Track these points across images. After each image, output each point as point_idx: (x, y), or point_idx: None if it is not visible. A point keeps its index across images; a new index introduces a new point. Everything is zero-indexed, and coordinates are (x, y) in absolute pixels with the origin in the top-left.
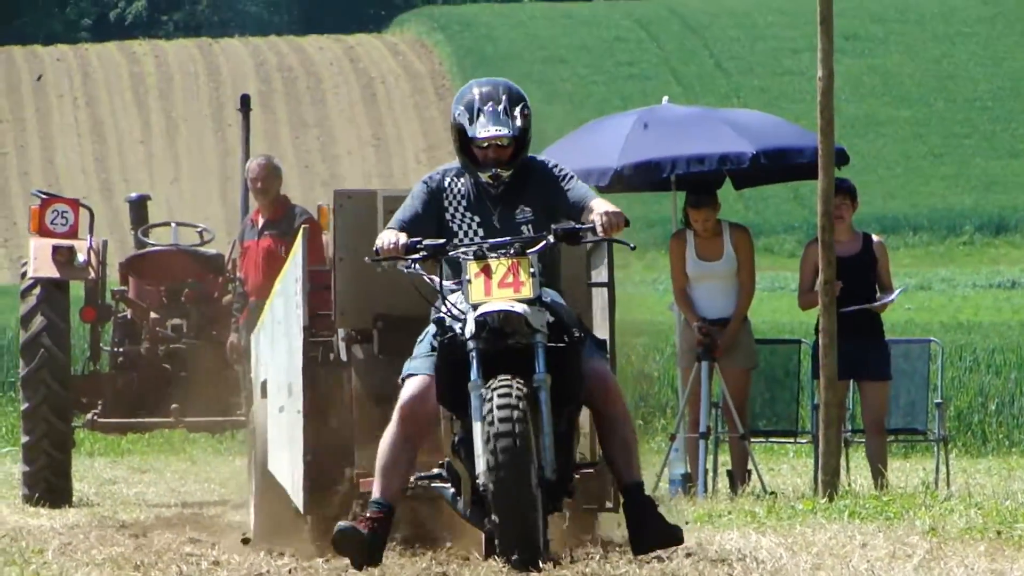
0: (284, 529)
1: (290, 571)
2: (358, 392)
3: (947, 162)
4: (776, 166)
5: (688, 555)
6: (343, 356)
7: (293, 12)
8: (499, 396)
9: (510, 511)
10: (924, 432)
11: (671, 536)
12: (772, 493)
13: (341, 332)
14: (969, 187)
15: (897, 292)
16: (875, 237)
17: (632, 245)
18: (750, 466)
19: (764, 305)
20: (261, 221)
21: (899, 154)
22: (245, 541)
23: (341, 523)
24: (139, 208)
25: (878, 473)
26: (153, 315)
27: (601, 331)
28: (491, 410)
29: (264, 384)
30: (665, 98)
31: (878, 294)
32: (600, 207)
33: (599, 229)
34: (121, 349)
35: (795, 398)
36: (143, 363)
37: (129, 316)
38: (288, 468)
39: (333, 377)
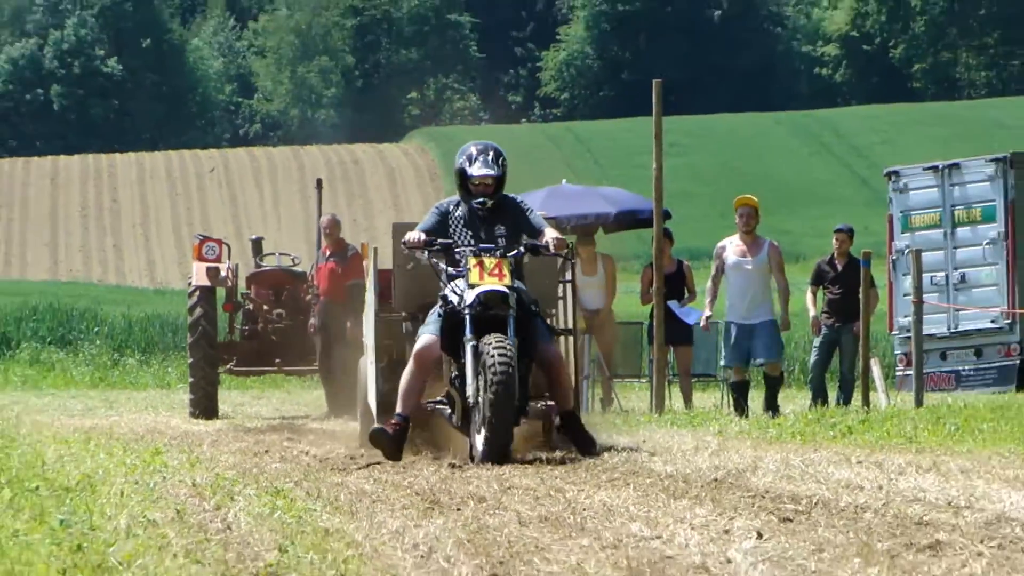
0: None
1: (351, 458)
2: (409, 352)
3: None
4: (628, 220)
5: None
6: (403, 330)
7: (346, 130)
8: (496, 350)
9: (500, 421)
10: (714, 375)
11: (590, 439)
12: (625, 411)
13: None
14: None
15: (691, 312)
16: (685, 262)
17: (572, 259)
18: (613, 395)
19: (622, 301)
20: (328, 253)
21: (701, 214)
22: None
23: (375, 425)
24: (257, 245)
25: (687, 400)
26: (264, 307)
27: (568, 315)
28: (492, 358)
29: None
30: (564, 180)
31: (686, 295)
32: (551, 234)
33: (551, 247)
34: (246, 327)
35: (639, 355)
36: (259, 335)
37: (251, 308)
38: (371, 394)
39: (393, 343)
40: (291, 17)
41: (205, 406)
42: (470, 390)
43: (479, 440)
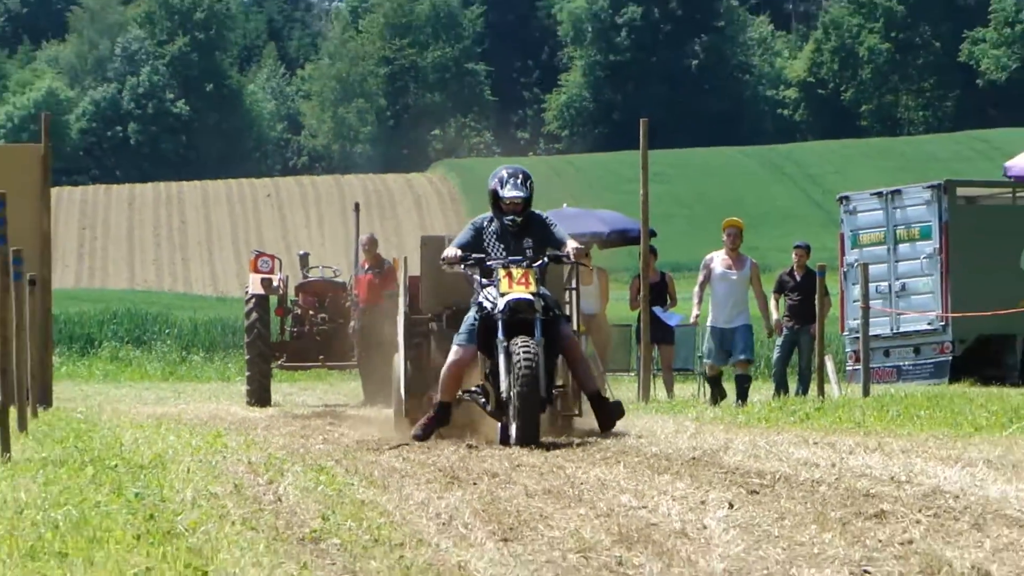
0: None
1: (378, 439)
2: (434, 348)
3: (706, 237)
4: (619, 238)
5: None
6: (431, 328)
7: (380, 161)
8: (522, 349)
9: (528, 412)
10: (692, 370)
11: (616, 412)
12: (617, 401)
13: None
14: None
15: (672, 315)
16: (668, 273)
17: (590, 267)
18: (606, 387)
19: (614, 307)
20: (366, 266)
21: (681, 233)
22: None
23: (416, 431)
24: (304, 259)
25: (669, 390)
26: (310, 312)
27: (573, 317)
28: (519, 356)
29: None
30: (564, 204)
31: (668, 302)
32: (571, 245)
33: (572, 256)
34: (294, 329)
35: (628, 353)
36: (305, 336)
37: (298, 312)
38: (401, 385)
39: (421, 340)
40: (332, 66)
41: (260, 396)
42: (503, 385)
43: (513, 427)
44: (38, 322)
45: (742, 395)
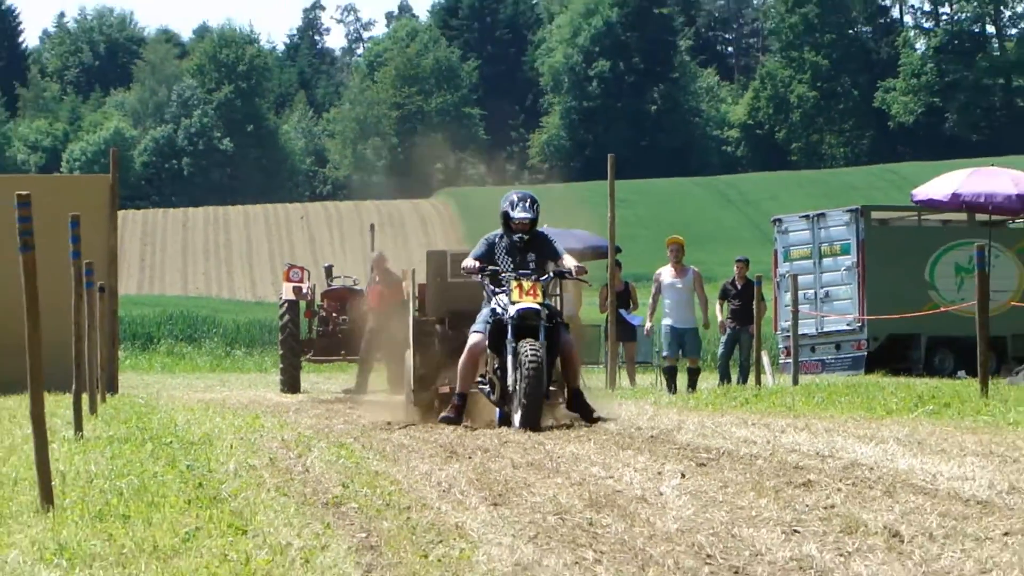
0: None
1: (388, 423)
2: (439, 346)
3: (664, 250)
4: (591, 253)
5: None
6: (435, 329)
7: (392, 189)
8: (530, 350)
9: (533, 402)
10: (651, 362)
11: (591, 410)
12: (588, 387)
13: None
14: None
15: (635, 317)
16: (631, 283)
17: (589, 283)
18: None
19: (586, 310)
20: (378, 279)
21: (642, 250)
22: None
23: (444, 414)
24: (328, 270)
25: (632, 380)
26: (333, 314)
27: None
28: (526, 357)
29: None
30: (545, 224)
31: (631, 306)
32: (570, 262)
33: (574, 273)
34: (320, 328)
35: (598, 348)
36: (329, 335)
37: (324, 315)
38: (410, 376)
39: (427, 338)
40: (352, 110)
41: (291, 384)
42: (510, 379)
43: (517, 415)
44: (106, 323)
45: (692, 384)
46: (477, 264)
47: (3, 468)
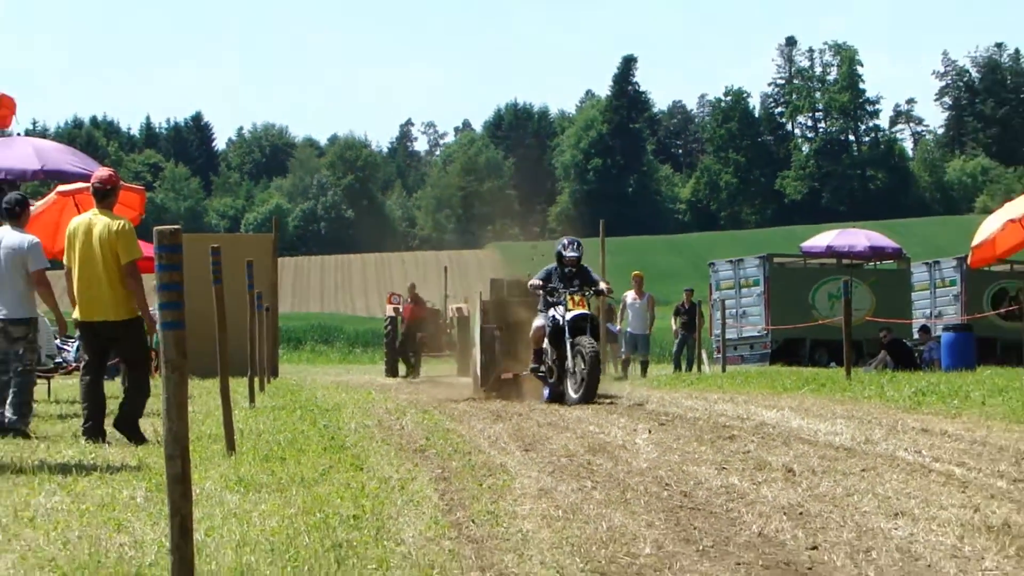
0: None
1: (454, 401)
2: (498, 346)
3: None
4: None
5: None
6: (495, 333)
7: (458, 243)
8: (588, 343)
9: (593, 381)
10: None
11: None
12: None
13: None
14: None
15: (615, 327)
16: (613, 305)
17: (614, 297)
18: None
19: None
20: (409, 299)
21: (624, 283)
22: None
23: (532, 366)
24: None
25: (616, 369)
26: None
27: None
28: (588, 348)
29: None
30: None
31: (616, 319)
32: (603, 285)
33: (606, 292)
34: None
35: None
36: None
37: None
38: (478, 368)
39: (490, 340)
40: (433, 191)
41: (391, 371)
42: (568, 364)
43: (578, 394)
44: (270, 331)
45: (644, 372)
46: (540, 283)
47: (202, 427)
